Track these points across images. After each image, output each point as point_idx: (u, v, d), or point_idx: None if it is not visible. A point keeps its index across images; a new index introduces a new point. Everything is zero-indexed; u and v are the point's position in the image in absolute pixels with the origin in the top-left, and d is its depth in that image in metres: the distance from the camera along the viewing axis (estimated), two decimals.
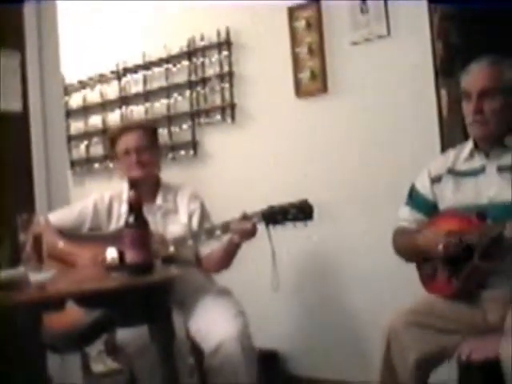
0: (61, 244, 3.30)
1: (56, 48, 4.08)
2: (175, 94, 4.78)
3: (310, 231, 3.23)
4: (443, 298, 2.83)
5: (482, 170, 2.82)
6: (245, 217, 3.14)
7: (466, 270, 2.72)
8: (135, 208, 2.65)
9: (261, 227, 3.14)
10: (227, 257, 3.34)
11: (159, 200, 3.47)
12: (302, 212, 3.08)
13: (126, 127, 3.60)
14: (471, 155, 2.88)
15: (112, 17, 4.98)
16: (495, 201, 2.72)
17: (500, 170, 2.76)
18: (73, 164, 5.31)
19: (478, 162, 2.85)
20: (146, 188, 3.42)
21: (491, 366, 2.53)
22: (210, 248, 3.35)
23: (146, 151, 3.47)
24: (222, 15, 4.48)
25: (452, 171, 2.91)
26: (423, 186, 2.99)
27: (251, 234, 3.13)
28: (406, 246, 2.96)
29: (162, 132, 4.64)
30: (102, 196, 3.53)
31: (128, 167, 3.46)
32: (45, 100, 3.98)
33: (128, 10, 4.94)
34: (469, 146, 2.90)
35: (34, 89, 3.91)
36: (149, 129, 3.61)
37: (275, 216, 3.10)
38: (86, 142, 5.31)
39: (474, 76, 2.82)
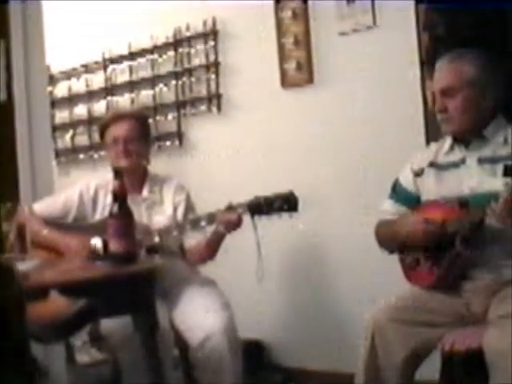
0: (45, 231, 3.28)
1: (41, 37, 4.05)
2: (161, 84, 4.77)
3: (297, 222, 3.24)
4: (426, 289, 2.84)
5: (462, 162, 2.84)
6: (230, 208, 3.14)
7: (447, 257, 2.73)
8: (119, 198, 2.65)
9: (246, 218, 3.14)
10: (211, 248, 3.33)
11: (145, 191, 3.46)
12: (287, 203, 3.08)
13: (117, 115, 3.55)
14: (451, 148, 2.90)
15: (98, 6, 4.95)
16: (476, 191, 2.73)
17: (480, 161, 2.78)
18: (58, 154, 5.28)
19: (458, 154, 2.87)
20: (132, 178, 3.40)
21: (474, 356, 2.55)
22: (195, 240, 3.35)
23: (135, 141, 3.45)
24: (208, 5, 4.47)
25: (434, 164, 2.93)
26: (406, 180, 3.00)
27: (236, 225, 3.14)
28: (387, 235, 2.97)
29: None
30: (87, 185, 3.50)
31: (115, 156, 3.44)
32: (29, 89, 3.96)
33: None
34: (449, 139, 2.92)
35: (18, 78, 3.89)
36: (140, 119, 3.57)
37: (260, 207, 3.10)
38: (71, 132, 5.27)
39: (436, 75, 2.87)
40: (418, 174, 2.96)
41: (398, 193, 3.03)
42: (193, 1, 4.50)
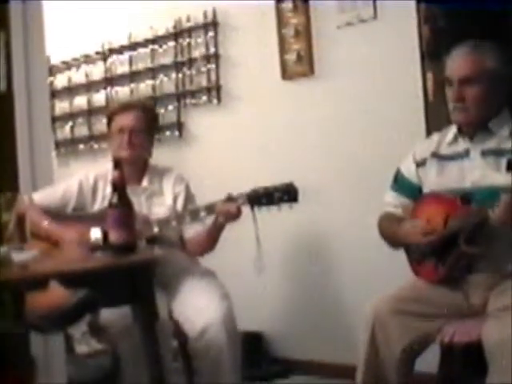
0: (45, 223, 3.28)
1: (41, 28, 4.03)
2: (161, 75, 4.77)
3: (297, 214, 3.23)
4: (429, 283, 2.83)
5: (465, 153, 2.82)
6: (230, 198, 3.13)
7: (452, 256, 2.72)
8: (119, 188, 2.64)
9: (246, 209, 3.14)
10: (211, 239, 3.33)
11: (145, 182, 3.45)
12: (286, 194, 3.08)
13: (125, 105, 3.53)
14: (455, 139, 2.88)
15: None
16: (479, 184, 2.73)
17: (484, 154, 2.77)
18: (57, 145, 5.29)
19: (461, 146, 2.85)
20: (132, 169, 3.40)
21: (473, 348, 2.55)
22: (194, 231, 3.35)
23: (140, 133, 3.44)
24: None
25: (436, 155, 2.91)
26: (408, 170, 2.99)
27: (235, 215, 3.13)
28: (390, 237, 2.98)
29: None
30: (87, 176, 3.49)
31: (118, 146, 3.42)
32: (29, 80, 3.94)
33: None
34: (453, 130, 2.90)
35: (18, 68, 3.87)
36: (148, 111, 3.56)
37: (260, 198, 3.10)
38: (70, 123, 5.28)
39: (455, 63, 2.82)
40: (420, 164, 2.95)
41: (400, 184, 3.02)
42: None
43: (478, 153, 2.78)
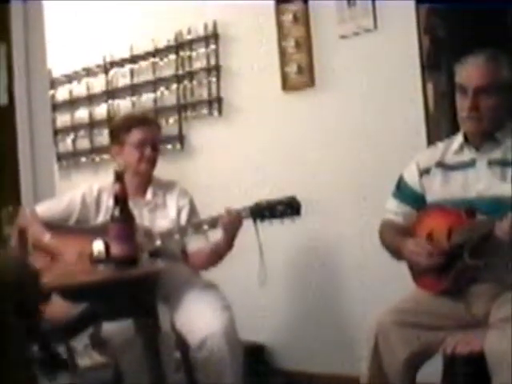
0: (47, 237, 3.27)
1: (42, 40, 4.06)
2: (162, 88, 4.77)
3: (300, 226, 3.23)
4: (431, 295, 2.83)
5: (471, 163, 2.80)
6: (232, 212, 3.14)
7: (455, 268, 2.71)
8: (121, 201, 2.64)
9: (249, 222, 3.14)
10: (216, 257, 3.34)
11: (149, 195, 3.45)
12: (289, 208, 3.09)
13: (146, 119, 3.53)
14: (461, 149, 2.85)
15: (99, 9, 4.96)
16: (484, 195, 2.72)
17: (490, 164, 2.75)
18: (59, 157, 5.29)
19: (467, 155, 2.83)
20: (138, 182, 3.41)
21: (475, 359, 2.55)
22: (198, 245, 3.35)
23: (158, 147, 3.47)
24: (209, 8, 4.47)
25: (441, 164, 2.89)
26: (412, 179, 2.97)
27: (237, 225, 3.14)
28: (393, 251, 2.96)
29: None
30: (90, 188, 3.49)
31: (139, 159, 3.41)
32: (31, 93, 3.97)
33: (115, 2, 4.92)
34: (458, 139, 2.88)
35: (20, 82, 3.90)
36: (158, 125, 3.59)
37: (263, 212, 3.11)
38: (72, 136, 5.28)
39: (471, 71, 2.77)
40: (424, 172, 2.92)
41: (402, 192, 2.99)
42: (194, 1, 4.50)
43: (484, 163, 2.77)
